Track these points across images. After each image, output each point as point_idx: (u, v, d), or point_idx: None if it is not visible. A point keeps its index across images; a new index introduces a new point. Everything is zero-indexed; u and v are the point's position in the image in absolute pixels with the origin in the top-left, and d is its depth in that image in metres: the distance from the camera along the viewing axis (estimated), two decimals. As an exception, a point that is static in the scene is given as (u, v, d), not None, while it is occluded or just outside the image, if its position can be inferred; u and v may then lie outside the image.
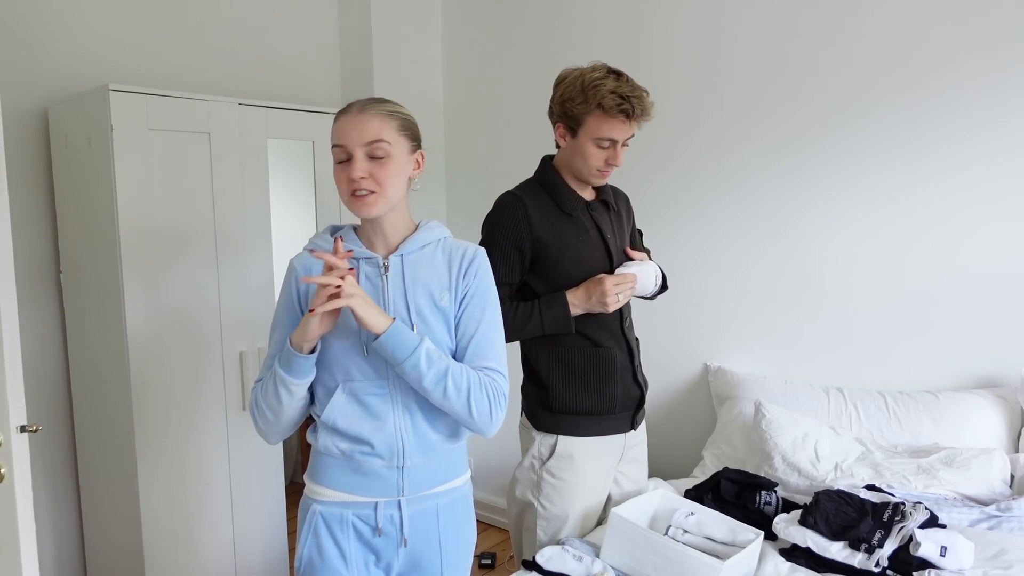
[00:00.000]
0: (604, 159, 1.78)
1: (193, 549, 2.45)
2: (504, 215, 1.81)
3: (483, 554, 3.20)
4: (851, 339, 2.55)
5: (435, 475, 1.47)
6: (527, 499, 1.91)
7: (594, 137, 1.75)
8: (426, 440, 1.44)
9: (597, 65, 1.76)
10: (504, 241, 1.79)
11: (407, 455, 1.42)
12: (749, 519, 1.91)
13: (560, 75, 1.82)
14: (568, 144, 1.80)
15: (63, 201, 2.42)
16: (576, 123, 1.75)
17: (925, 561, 1.64)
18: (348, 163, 1.38)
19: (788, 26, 2.57)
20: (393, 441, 1.41)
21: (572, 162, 1.82)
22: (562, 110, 1.77)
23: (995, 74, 2.24)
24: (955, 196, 2.34)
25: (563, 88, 1.77)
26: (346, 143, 1.38)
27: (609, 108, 1.70)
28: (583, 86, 1.72)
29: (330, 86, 3.30)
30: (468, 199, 3.53)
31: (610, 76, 1.72)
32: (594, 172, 1.81)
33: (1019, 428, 2.25)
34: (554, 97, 1.80)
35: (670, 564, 1.60)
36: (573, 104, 1.73)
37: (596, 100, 1.70)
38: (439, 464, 1.47)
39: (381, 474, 1.43)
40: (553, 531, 1.88)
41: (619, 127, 1.73)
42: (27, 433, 1.58)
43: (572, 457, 1.85)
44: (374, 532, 1.44)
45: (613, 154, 1.78)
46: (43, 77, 2.44)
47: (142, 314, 2.27)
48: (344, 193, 1.40)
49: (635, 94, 1.71)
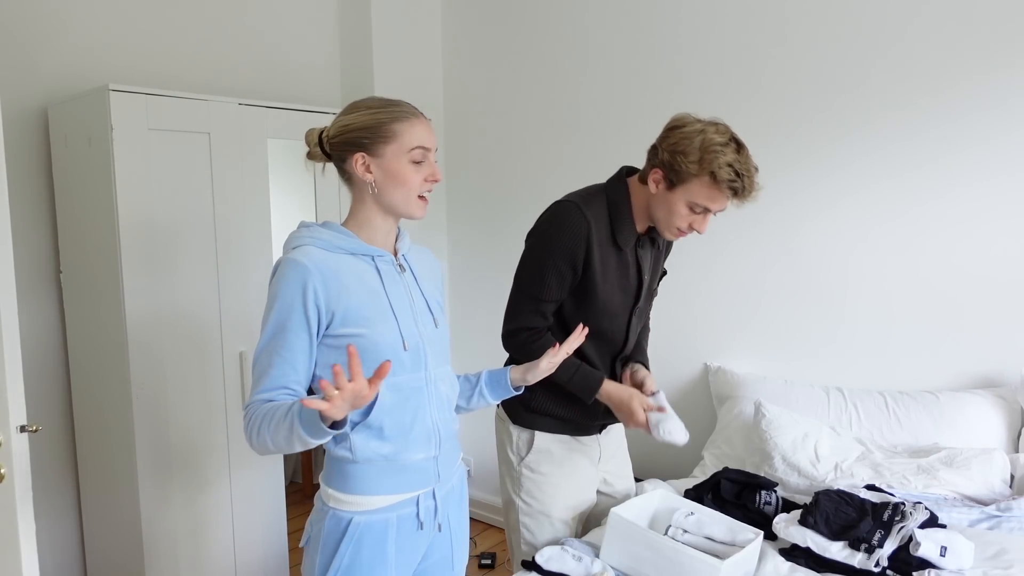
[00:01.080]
0: (689, 223, 1.69)
1: (193, 549, 2.45)
2: (568, 234, 1.70)
3: (483, 554, 3.20)
4: (851, 339, 2.55)
5: (454, 456, 1.52)
6: (509, 497, 1.93)
7: (691, 200, 1.65)
8: (452, 424, 1.50)
9: (721, 126, 1.64)
10: (561, 260, 1.71)
11: (442, 442, 1.45)
12: (749, 519, 1.91)
13: (677, 120, 1.68)
14: (659, 192, 1.69)
15: (63, 201, 2.42)
16: (679, 179, 1.64)
17: (925, 561, 1.64)
18: (422, 163, 1.40)
19: (794, 30, 2.57)
20: (431, 431, 1.43)
21: (655, 208, 1.72)
22: (670, 161, 1.64)
23: (999, 82, 2.24)
24: (955, 197, 2.34)
25: (678, 138, 1.64)
26: (430, 146, 1.41)
27: (720, 180, 1.60)
28: (702, 147, 1.60)
29: (330, 86, 3.30)
30: (468, 199, 3.53)
31: (731, 145, 1.62)
32: (673, 230, 1.72)
33: (1019, 428, 2.25)
34: (664, 142, 1.66)
35: (670, 564, 1.60)
36: (685, 160, 1.61)
37: (710, 167, 1.60)
38: (455, 446, 1.53)
39: (422, 467, 1.43)
40: (537, 528, 1.89)
41: (720, 199, 1.64)
42: (27, 433, 1.58)
43: (550, 452, 1.88)
44: (418, 527, 1.43)
45: (701, 221, 1.69)
46: (43, 77, 2.44)
47: (142, 314, 2.27)
48: (413, 192, 1.40)
49: (750, 173, 1.62)
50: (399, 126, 1.38)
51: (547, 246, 1.73)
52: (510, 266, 3.37)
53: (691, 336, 2.88)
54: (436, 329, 1.47)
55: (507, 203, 3.39)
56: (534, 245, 1.77)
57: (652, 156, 1.70)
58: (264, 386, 1.31)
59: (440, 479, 1.46)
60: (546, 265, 1.71)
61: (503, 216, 3.41)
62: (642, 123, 2.94)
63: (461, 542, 1.58)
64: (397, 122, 1.39)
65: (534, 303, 1.77)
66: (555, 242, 1.72)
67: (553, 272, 1.72)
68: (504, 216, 3.40)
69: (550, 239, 1.73)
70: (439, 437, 1.44)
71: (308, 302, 1.32)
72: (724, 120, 1.68)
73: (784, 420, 2.34)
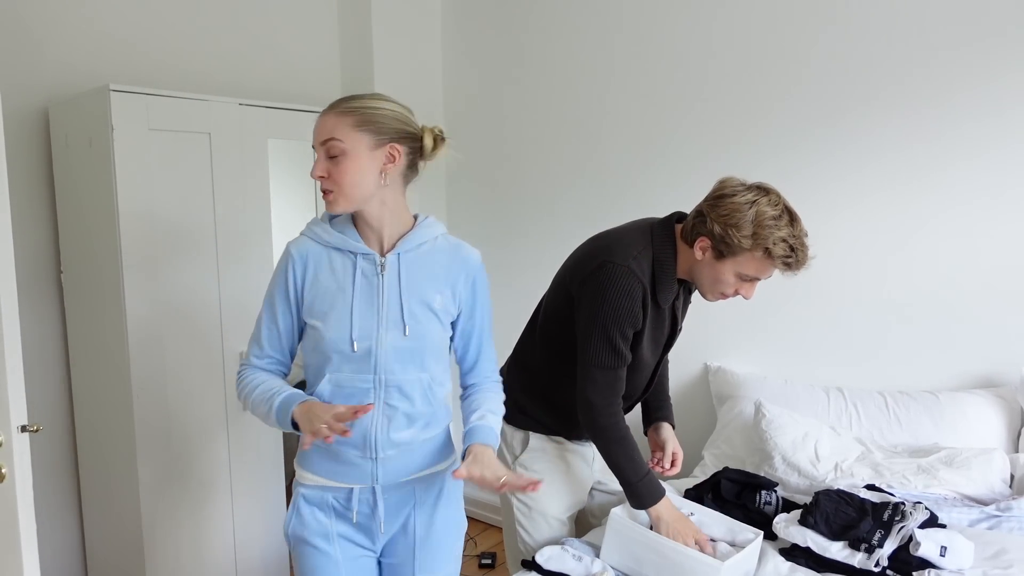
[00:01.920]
0: (735, 289, 1.65)
1: (193, 549, 2.45)
2: (625, 301, 1.63)
3: (483, 554, 3.20)
4: (851, 339, 2.55)
5: (411, 464, 1.51)
6: (505, 496, 1.94)
7: (740, 271, 1.60)
8: (399, 436, 1.47)
9: (773, 196, 1.58)
10: (626, 325, 1.64)
11: (379, 448, 1.46)
12: (749, 519, 1.91)
13: (726, 187, 1.61)
14: (706, 259, 1.63)
15: (63, 201, 2.42)
16: (729, 252, 1.58)
17: (925, 561, 1.64)
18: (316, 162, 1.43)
19: (789, 21, 2.57)
20: (368, 435, 1.45)
21: (699, 273, 1.66)
22: (722, 234, 1.56)
23: (997, 87, 2.24)
24: (955, 197, 2.34)
25: (730, 209, 1.56)
26: (313, 143, 1.42)
27: (775, 256, 1.55)
28: (756, 221, 1.54)
29: (330, 86, 3.30)
30: (468, 199, 3.53)
31: (784, 217, 1.56)
32: (716, 295, 1.68)
33: (1019, 428, 2.25)
34: (714, 211, 1.59)
35: (669, 564, 1.60)
36: (737, 234, 1.55)
37: (765, 244, 1.54)
38: (415, 455, 1.51)
39: (356, 463, 1.47)
40: (534, 528, 1.89)
41: (770, 270, 1.60)
42: (27, 433, 1.58)
43: (545, 451, 1.89)
44: (352, 518, 1.50)
45: (748, 288, 1.65)
46: (43, 77, 2.44)
47: (142, 314, 2.27)
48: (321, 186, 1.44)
49: (804, 247, 1.58)
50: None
51: (610, 315, 1.63)
52: (510, 268, 3.39)
53: (691, 336, 2.87)
54: (404, 337, 1.43)
55: (507, 203, 3.39)
56: (595, 315, 1.65)
57: (700, 223, 1.62)
58: (255, 351, 1.51)
59: (379, 481, 1.48)
60: (614, 333, 1.64)
61: (503, 216, 3.41)
62: (642, 123, 2.94)
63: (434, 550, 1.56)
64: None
65: (608, 373, 1.67)
66: (617, 311, 1.63)
67: (620, 339, 1.65)
68: (504, 216, 3.40)
69: (611, 308, 1.63)
70: (375, 443, 1.45)
71: (288, 283, 1.47)
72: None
73: (784, 420, 2.34)
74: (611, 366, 1.67)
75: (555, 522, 1.90)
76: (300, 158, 2.80)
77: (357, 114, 1.39)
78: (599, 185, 3.09)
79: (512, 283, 3.40)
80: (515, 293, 3.42)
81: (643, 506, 1.69)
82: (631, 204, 3.00)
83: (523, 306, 3.40)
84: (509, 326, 3.45)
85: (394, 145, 1.42)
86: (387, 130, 1.42)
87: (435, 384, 1.50)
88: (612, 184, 3.05)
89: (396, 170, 1.44)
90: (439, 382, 1.51)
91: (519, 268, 3.38)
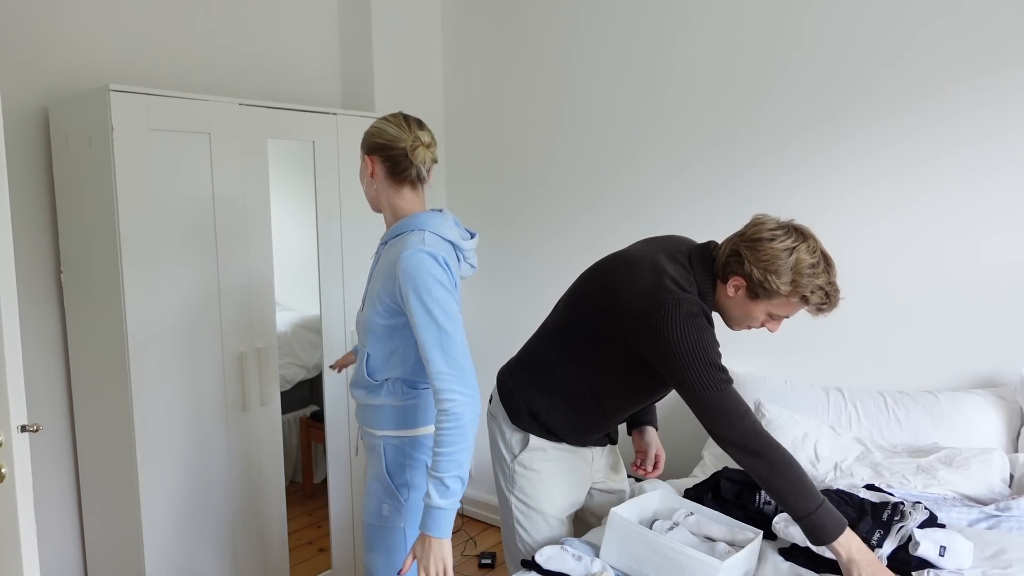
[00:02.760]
0: (763, 324, 1.68)
1: (194, 548, 2.46)
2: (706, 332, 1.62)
3: (483, 554, 3.20)
4: (851, 339, 2.55)
5: (361, 416, 1.83)
6: (504, 495, 1.94)
7: (773, 312, 1.64)
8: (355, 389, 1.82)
9: (811, 243, 1.60)
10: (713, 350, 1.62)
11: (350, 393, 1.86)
12: (749, 519, 1.91)
13: (764, 231, 1.61)
14: (738, 297, 1.65)
15: (63, 201, 2.42)
16: (765, 294, 1.60)
17: (924, 561, 1.64)
18: None
19: (789, 17, 2.58)
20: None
21: (730, 308, 1.69)
22: (761, 279, 1.58)
23: (1000, 81, 2.24)
24: (955, 197, 2.34)
25: (769, 256, 1.58)
26: None
27: (811, 304, 1.59)
28: (796, 270, 1.57)
29: (330, 86, 3.30)
30: (467, 199, 3.53)
31: (821, 265, 1.58)
32: (743, 327, 1.72)
33: (1018, 428, 2.25)
34: (753, 256, 1.60)
35: (669, 564, 1.60)
36: (776, 280, 1.57)
37: (803, 292, 1.58)
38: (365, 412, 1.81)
39: None
40: (532, 527, 1.89)
41: (800, 310, 1.64)
42: (27, 433, 1.58)
43: (544, 449, 1.88)
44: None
45: (776, 324, 1.68)
46: (43, 77, 2.44)
47: (142, 314, 2.27)
48: None
49: (837, 292, 1.61)
50: None
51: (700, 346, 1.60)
52: (510, 267, 3.39)
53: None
54: (360, 311, 1.77)
55: (507, 202, 3.39)
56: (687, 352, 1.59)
57: (735, 263, 1.63)
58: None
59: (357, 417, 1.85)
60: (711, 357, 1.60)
61: (502, 216, 3.41)
62: (642, 122, 2.95)
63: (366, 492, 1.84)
64: None
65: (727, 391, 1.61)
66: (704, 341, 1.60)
67: (717, 358, 1.61)
68: (503, 217, 3.41)
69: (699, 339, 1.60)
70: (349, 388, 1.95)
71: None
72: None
73: (784, 420, 2.34)
74: (726, 382, 1.61)
75: (554, 522, 1.90)
76: (300, 158, 2.81)
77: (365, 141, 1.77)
78: (600, 184, 3.09)
79: (512, 282, 3.41)
80: (515, 292, 3.43)
81: (826, 540, 1.56)
82: (631, 203, 3.00)
83: (524, 304, 3.41)
84: (510, 326, 3.46)
85: (369, 156, 1.75)
86: (365, 145, 1.76)
87: (372, 360, 1.73)
88: (612, 183, 3.05)
89: (379, 176, 1.75)
90: (381, 359, 1.72)
91: (519, 267, 3.39)
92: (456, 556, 3.27)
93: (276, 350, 2.66)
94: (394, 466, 1.76)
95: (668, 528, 1.75)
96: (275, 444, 2.68)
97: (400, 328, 1.68)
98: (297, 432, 3.53)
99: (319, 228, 2.80)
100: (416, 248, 1.60)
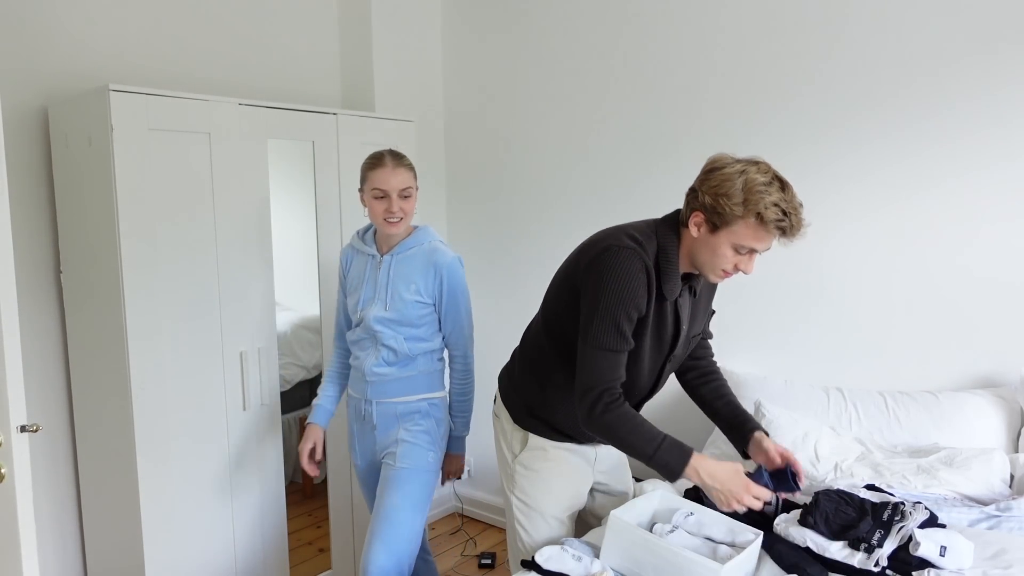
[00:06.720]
0: (735, 264, 1.64)
1: (193, 549, 2.46)
2: (632, 282, 1.63)
3: (483, 554, 3.20)
4: (851, 339, 2.55)
5: (391, 390, 2.21)
6: (506, 495, 1.94)
7: (736, 242, 1.60)
8: (379, 370, 2.20)
9: (763, 165, 1.60)
10: (631, 306, 1.63)
11: (368, 376, 2.22)
12: (749, 519, 1.91)
13: (716, 161, 1.64)
14: (702, 236, 1.64)
15: (63, 201, 2.42)
16: (722, 222, 1.59)
17: (924, 561, 1.64)
18: (383, 199, 2.12)
19: (794, 24, 2.58)
20: (362, 366, 2.23)
21: (698, 253, 1.67)
22: (713, 204, 1.59)
23: (1001, 75, 2.24)
24: (955, 197, 2.34)
25: (719, 180, 1.59)
26: (388, 189, 2.11)
27: (768, 221, 1.55)
28: (745, 188, 1.56)
29: (330, 86, 3.30)
30: (468, 199, 3.53)
31: (775, 184, 1.57)
32: (719, 272, 1.66)
33: (1019, 428, 2.25)
34: (704, 184, 1.61)
35: (669, 567, 1.60)
36: (728, 203, 1.56)
37: (756, 208, 1.55)
38: (393, 385, 2.21)
39: (363, 383, 2.25)
40: (532, 526, 1.89)
41: (766, 239, 1.60)
42: (27, 433, 1.58)
43: (545, 449, 1.88)
44: (360, 418, 2.28)
45: (747, 261, 1.64)
46: (43, 77, 2.44)
47: (142, 314, 2.27)
48: (378, 218, 2.14)
49: (796, 211, 1.58)
50: (369, 173, 2.14)
51: (615, 296, 1.63)
52: (509, 267, 3.39)
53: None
54: (385, 310, 2.16)
55: (506, 204, 3.39)
56: (601, 296, 1.64)
57: (692, 199, 1.65)
58: (338, 323, 2.39)
59: (368, 396, 2.23)
60: (619, 314, 1.62)
61: (502, 217, 3.41)
62: (644, 124, 2.95)
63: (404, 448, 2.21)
64: (369, 170, 2.14)
65: (609, 356, 1.65)
66: (623, 291, 1.63)
67: (625, 320, 1.63)
68: (503, 217, 3.41)
69: (617, 288, 1.63)
70: (365, 371, 2.21)
71: (340, 275, 2.35)
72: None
73: (784, 420, 2.34)
74: (614, 348, 1.64)
75: (554, 522, 1.90)
76: (300, 158, 2.80)
77: (414, 170, 2.19)
78: (601, 185, 3.09)
79: (512, 281, 3.41)
80: (516, 291, 3.43)
81: (675, 475, 1.62)
82: (632, 203, 3.00)
83: (525, 305, 3.40)
84: (511, 325, 3.46)
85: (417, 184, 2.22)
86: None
87: (409, 340, 2.18)
88: (613, 183, 3.05)
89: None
90: (415, 339, 2.19)
91: (520, 267, 3.39)
92: (456, 556, 3.28)
93: (276, 350, 2.66)
94: (440, 421, 2.25)
95: (668, 531, 1.75)
96: (275, 444, 2.68)
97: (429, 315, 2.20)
98: (297, 432, 3.53)
99: (319, 228, 2.79)
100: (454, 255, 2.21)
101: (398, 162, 2.13)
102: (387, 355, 2.19)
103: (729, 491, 1.61)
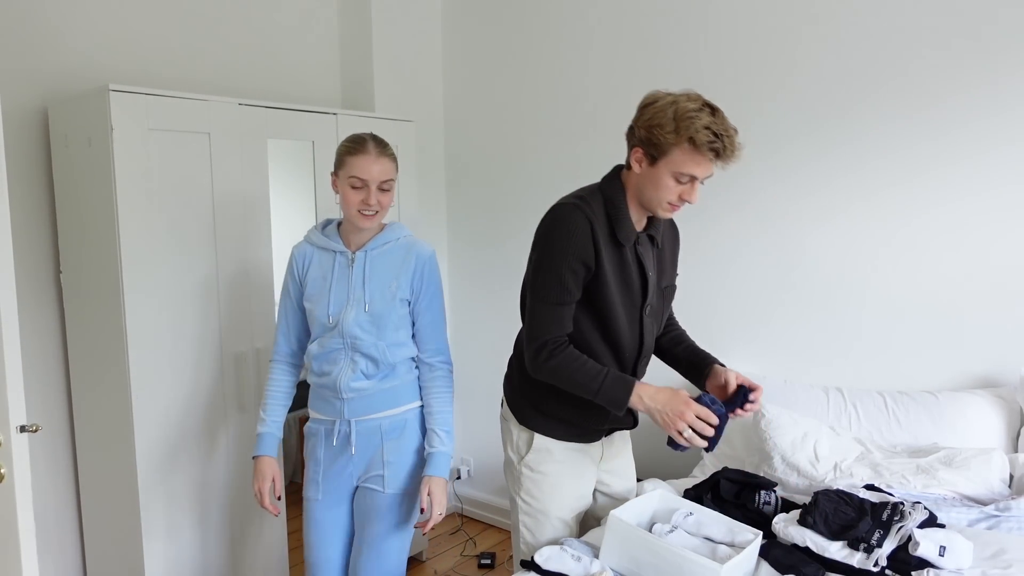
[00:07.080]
0: (679, 194, 1.67)
1: (193, 549, 2.46)
2: (576, 234, 1.68)
3: (483, 554, 3.20)
4: (851, 339, 2.55)
5: (372, 405, 1.97)
6: (511, 496, 1.94)
7: (675, 171, 1.63)
8: (357, 384, 1.95)
9: (692, 95, 1.64)
10: (574, 259, 1.68)
11: (344, 392, 1.95)
12: (748, 519, 1.91)
13: (649, 97, 1.68)
14: (643, 171, 1.68)
15: (63, 201, 2.42)
16: (659, 152, 1.63)
17: (924, 561, 1.64)
18: (361, 189, 1.87)
19: (786, 17, 2.58)
20: (336, 381, 1.95)
21: (643, 190, 1.71)
22: (647, 136, 1.63)
23: (1002, 88, 2.24)
24: (955, 197, 2.34)
25: (652, 112, 1.64)
26: (367, 179, 1.86)
27: (700, 144, 1.58)
28: (676, 115, 1.59)
29: (330, 86, 3.30)
30: (467, 198, 3.53)
31: (705, 110, 1.60)
32: (664, 205, 1.69)
33: (1018, 428, 2.25)
34: (639, 120, 1.67)
35: (668, 567, 1.60)
36: (661, 132, 1.61)
37: (688, 133, 1.58)
38: (374, 399, 1.96)
39: (333, 402, 1.98)
40: (537, 528, 1.89)
41: (703, 164, 1.62)
42: (27, 433, 1.58)
43: (550, 451, 1.87)
44: (332, 443, 2.00)
45: (690, 190, 1.67)
46: (43, 77, 2.44)
47: (142, 314, 2.27)
48: (352, 208, 1.88)
49: (728, 133, 1.60)
50: (348, 158, 1.88)
51: (556, 249, 1.69)
52: (509, 267, 3.39)
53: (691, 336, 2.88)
54: (365, 312, 1.92)
55: (506, 204, 3.39)
56: (543, 251, 1.71)
57: (630, 137, 1.71)
58: (278, 341, 2.08)
59: (345, 416, 1.97)
60: (561, 267, 1.67)
61: (502, 216, 3.41)
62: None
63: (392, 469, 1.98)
64: (348, 155, 1.89)
65: (554, 309, 1.71)
66: (564, 244, 1.68)
67: (568, 273, 1.68)
68: (503, 216, 3.41)
69: (558, 242, 1.69)
70: (339, 388, 1.94)
71: (292, 277, 2.03)
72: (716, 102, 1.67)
73: (784, 420, 2.34)
74: (558, 301, 1.70)
75: (559, 523, 1.89)
76: (300, 158, 2.80)
77: (396, 160, 1.94)
78: (599, 185, 3.09)
79: (512, 281, 3.41)
80: (516, 292, 3.43)
81: (622, 404, 1.68)
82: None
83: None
84: (511, 325, 3.46)
85: None
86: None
87: (391, 347, 1.94)
88: (612, 184, 3.05)
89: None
90: (396, 344, 1.95)
91: (520, 267, 3.39)
92: (456, 556, 3.28)
93: (276, 350, 2.66)
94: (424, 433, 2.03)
95: (668, 531, 1.75)
96: (275, 444, 2.68)
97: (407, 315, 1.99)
98: (297, 432, 3.54)
99: (319, 228, 2.79)
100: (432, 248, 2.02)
101: (381, 151, 1.90)
102: (366, 367, 1.93)
103: (671, 410, 1.64)
